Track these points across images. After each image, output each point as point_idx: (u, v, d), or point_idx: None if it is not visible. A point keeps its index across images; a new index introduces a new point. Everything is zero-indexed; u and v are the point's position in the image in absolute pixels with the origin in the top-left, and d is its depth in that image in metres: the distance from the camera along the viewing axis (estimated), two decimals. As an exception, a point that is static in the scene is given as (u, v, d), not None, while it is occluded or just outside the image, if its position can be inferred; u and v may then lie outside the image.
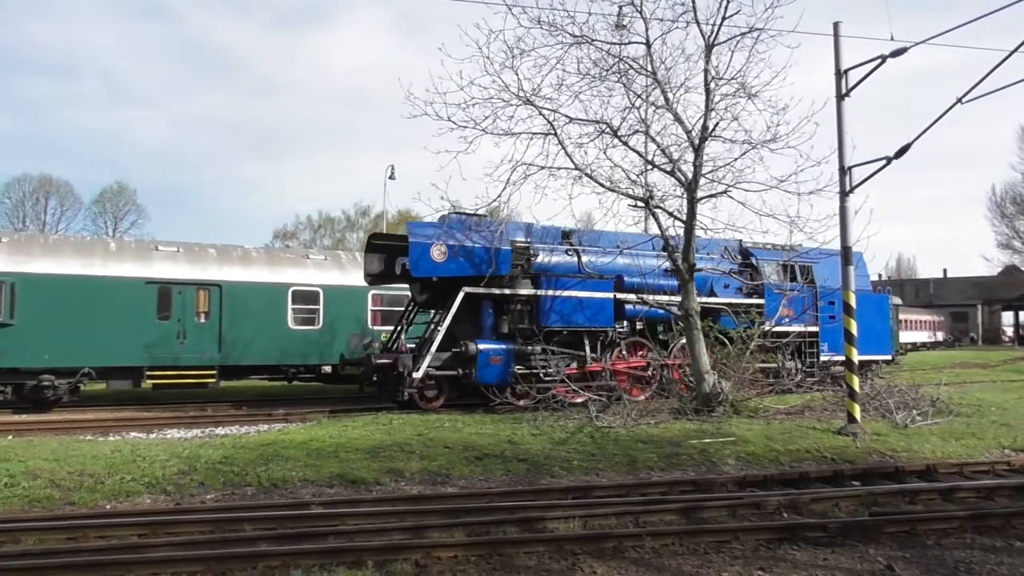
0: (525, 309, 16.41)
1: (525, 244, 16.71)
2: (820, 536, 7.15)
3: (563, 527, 7.43)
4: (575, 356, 16.59)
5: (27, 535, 7.11)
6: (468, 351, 15.46)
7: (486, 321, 16.02)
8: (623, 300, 17.03)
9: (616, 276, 17.18)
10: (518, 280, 16.41)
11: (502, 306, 16.33)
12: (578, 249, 17.32)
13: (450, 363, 15.66)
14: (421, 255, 15.37)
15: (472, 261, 15.71)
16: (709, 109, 14.16)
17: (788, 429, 12.92)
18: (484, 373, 15.47)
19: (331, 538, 7.00)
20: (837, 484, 9.72)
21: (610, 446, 11.59)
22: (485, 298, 15.98)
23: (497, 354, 15.64)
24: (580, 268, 17.06)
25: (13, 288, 16.15)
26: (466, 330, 16.02)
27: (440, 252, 15.43)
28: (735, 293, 18.70)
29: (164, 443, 11.41)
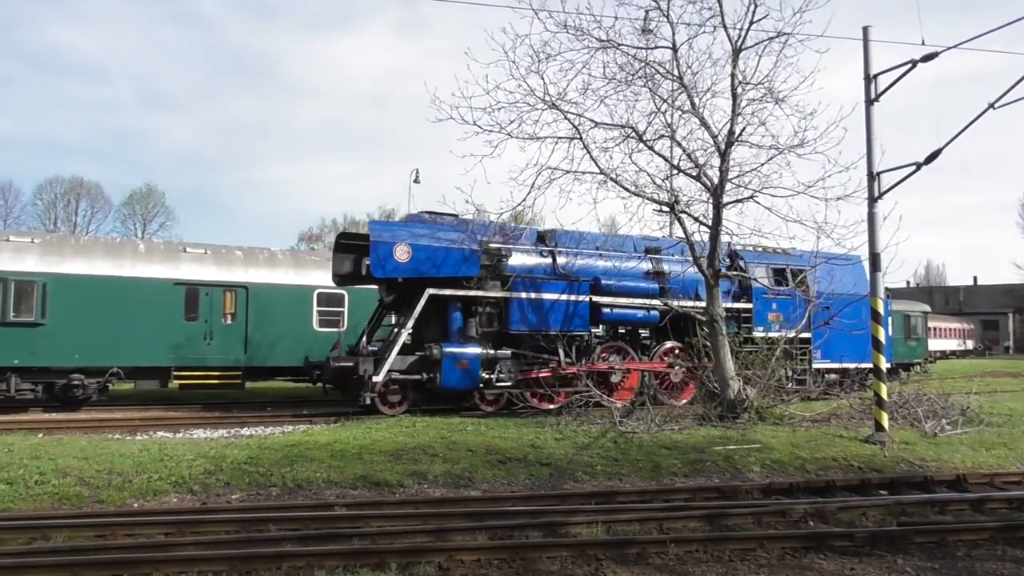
0: (494, 312, 16.00)
1: (497, 245, 16.23)
2: (847, 545, 7.07)
3: (586, 532, 7.41)
4: (548, 361, 16.07)
5: (57, 532, 7.22)
6: (432, 355, 15.03)
7: (453, 324, 15.58)
8: (600, 303, 16.60)
9: (593, 279, 16.72)
10: (487, 282, 15.88)
11: (470, 308, 15.85)
12: (554, 251, 16.87)
13: (416, 367, 15.24)
14: (383, 255, 14.93)
15: (437, 262, 15.27)
16: (736, 114, 14.07)
17: (814, 437, 12.78)
18: (449, 378, 15.05)
19: (355, 539, 7.03)
20: (864, 493, 9.62)
21: (633, 451, 11.54)
22: (452, 300, 15.57)
23: (463, 358, 15.21)
24: (555, 270, 16.63)
25: (45, 288, 16.40)
26: (433, 333, 15.69)
27: (403, 252, 14.98)
28: (723, 298, 17.60)
29: (190, 443, 11.52)
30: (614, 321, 17.22)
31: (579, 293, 16.36)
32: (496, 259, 16.07)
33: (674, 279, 17.69)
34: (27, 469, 9.17)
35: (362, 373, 14.64)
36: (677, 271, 17.72)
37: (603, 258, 17.20)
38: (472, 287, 15.63)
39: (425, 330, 15.76)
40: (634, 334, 18.06)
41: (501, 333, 15.84)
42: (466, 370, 15.17)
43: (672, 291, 17.44)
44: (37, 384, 16.51)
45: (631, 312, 17.06)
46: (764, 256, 19.32)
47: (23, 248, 16.81)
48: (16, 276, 16.18)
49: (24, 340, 16.14)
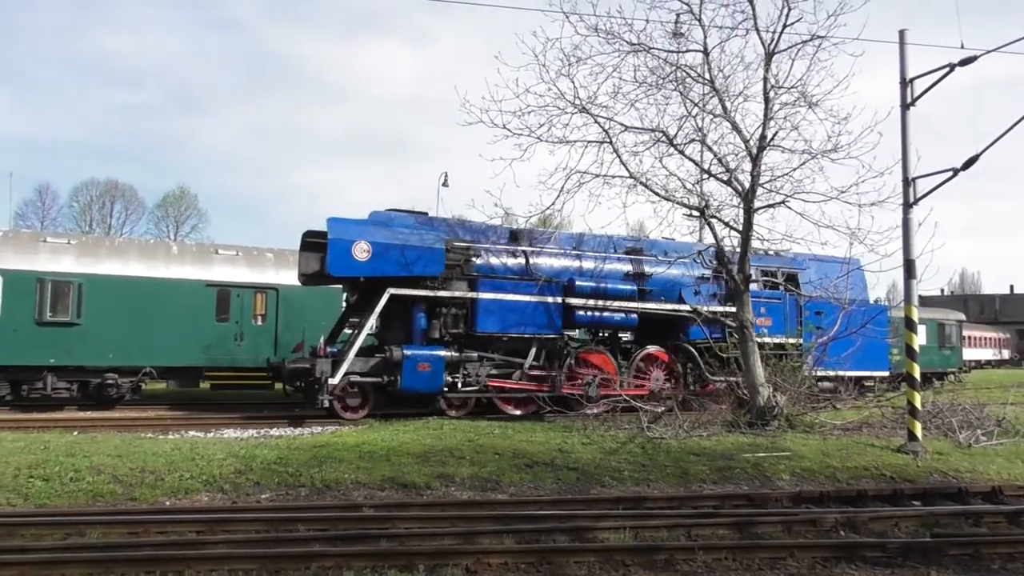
0: (460, 313, 15.46)
1: (465, 244, 15.78)
2: (879, 556, 6.97)
3: (613, 537, 7.39)
4: (517, 364, 15.71)
5: (91, 528, 7.34)
6: (393, 357, 14.54)
7: (416, 325, 15.09)
8: (574, 305, 16.09)
9: (568, 280, 16.22)
10: (452, 282, 15.39)
11: (434, 309, 15.36)
12: (526, 250, 16.32)
13: (378, 369, 14.79)
14: (342, 253, 14.45)
15: (400, 260, 14.79)
16: (768, 118, 13.95)
17: (845, 445, 12.62)
18: (410, 381, 14.55)
19: (383, 540, 7.07)
20: (897, 503, 9.48)
21: (661, 457, 11.47)
22: (416, 300, 15.06)
23: (425, 360, 14.66)
24: (528, 270, 16.09)
25: (81, 289, 16.69)
26: (397, 335, 15.25)
27: (363, 250, 14.51)
28: (708, 300, 17.53)
29: (221, 442, 11.65)
30: (589, 324, 16.78)
31: (551, 294, 15.86)
32: (464, 258, 15.63)
33: (655, 281, 17.21)
34: (63, 466, 9.32)
35: (319, 375, 14.14)
36: (659, 272, 17.22)
37: (580, 259, 16.71)
38: (437, 287, 15.18)
39: (389, 331, 15.43)
40: (614, 337, 17.53)
41: (467, 335, 15.40)
42: (428, 373, 14.67)
43: (653, 293, 17.03)
44: (72, 383, 16.81)
45: (608, 315, 16.55)
46: (754, 257, 18.13)
47: (60, 249, 17.14)
48: (53, 276, 16.50)
49: (60, 340, 16.44)
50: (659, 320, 17.05)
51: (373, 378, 14.74)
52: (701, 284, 17.61)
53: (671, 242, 17.59)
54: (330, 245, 14.52)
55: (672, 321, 17.06)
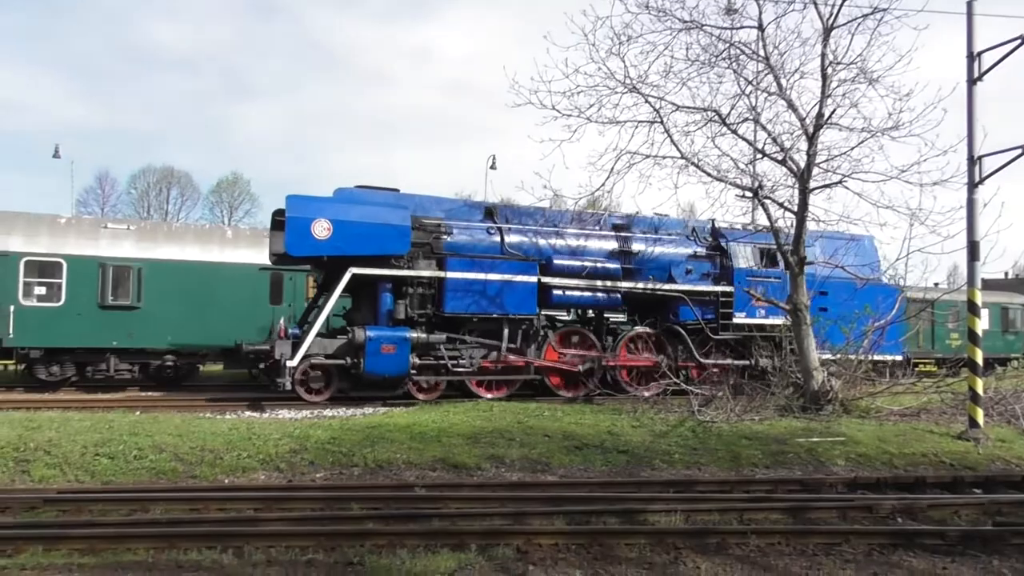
0: (428, 293, 14.88)
1: (435, 221, 15.20)
2: (938, 544, 6.82)
3: (664, 520, 7.36)
4: (491, 346, 15.16)
5: (155, 504, 7.60)
6: (355, 338, 14.05)
7: (382, 306, 14.51)
8: (550, 284, 15.47)
9: (545, 258, 15.54)
10: (419, 260, 14.82)
11: (401, 289, 14.79)
12: (501, 228, 15.66)
13: (343, 351, 14.27)
14: (301, 232, 13.85)
15: (362, 238, 14.14)
16: (825, 95, 13.60)
17: (903, 431, 12.34)
18: (373, 363, 13.98)
19: (435, 520, 7.16)
20: (956, 491, 9.27)
21: (712, 441, 11.38)
22: (381, 280, 14.50)
23: (390, 342, 14.05)
24: (503, 248, 15.42)
25: (140, 273, 17.16)
26: (364, 316, 14.77)
27: (323, 228, 13.91)
28: (700, 280, 16.87)
29: (276, 423, 11.89)
30: (567, 304, 16.16)
31: (525, 273, 15.21)
32: (434, 236, 15.06)
33: (643, 259, 16.51)
34: (127, 445, 9.62)
35: (278, 357, 13.74)
36: (648, 250, 16.59)
37: (562, 236, 16.06)
38: (402, 266, 14.68)
39: (357, 312, 15.02)
40: (600, 318, 16.90)
41: (436, 316, 14.91)
42: (393, 355, 14.08)
43: (641, 272, 16.39)
44: (134, 364, 17.33)
45: (588, 295, 15.92)
46: (751, 235, 17.55)
47: (120, 235, 17.64)
48: (114, 262, 16.99)
49: (122, 323, 16.94)
50: (649, 300, 16.51)
51: (338, 360, 14.29)
52: (694, 262, 16.93)
53: (663, 218, 17.09)
54: (287, 223, 13.99)
55: (662, 301, 16.45)
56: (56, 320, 16.43)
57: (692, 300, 16.34)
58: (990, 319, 28.06)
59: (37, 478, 8.66)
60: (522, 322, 15.40)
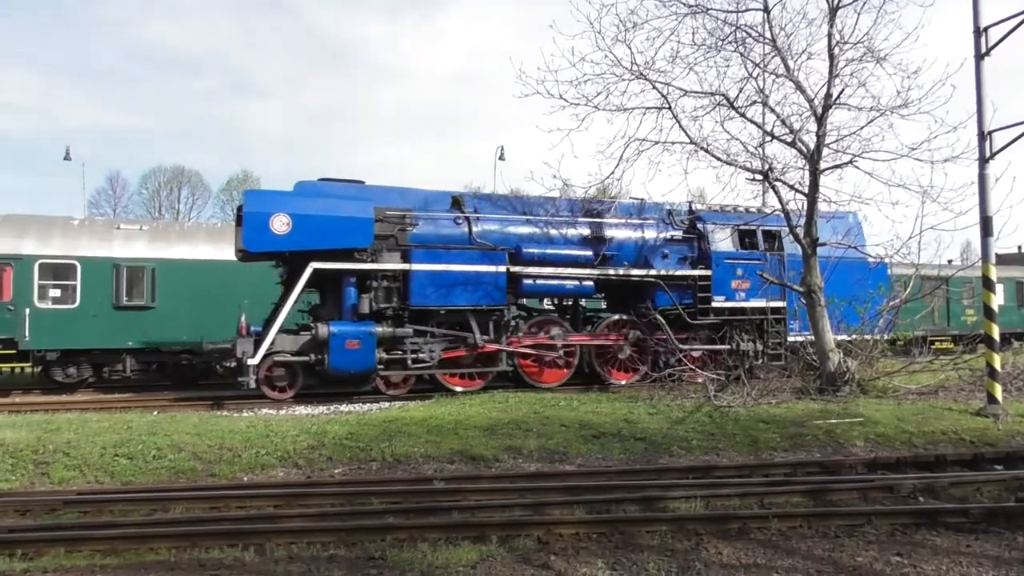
0: (394, 286, 14.49)
1: (400, 212, 14.79)
2: (961, 522, 6.77)
3: (684, 507, 7.35)
4: (460, 338, 14.90)
5: (175, 503, 7.63)
6: (319, 334, 13.76)
7: (346, 300, 14.24)
8: (520, 274, 15.10)
9: (514, 247, 15.17)
10: (384, 253, 14.47)
11: (366, 283, 14.43)
12: (469, 217, 15.25)
13: (307, 348, 13.98)
14: (258, 227, 13.52)
15: (323, 232, 13.81)
16: (833, 76, 13.49)
17: (921, 410, 12.27)
18: (338, 359, 13.70)
19: (455, 512, 7.16)
20: (977, 468, 9.21)
21: (730, 426, 11.34)
22: (344, 274, 14.20)
23: (354, 337, 13.78)
24: (471, 239, 15.05)
25: (154, 273, 17.25)
26: (330, 311, 14.52)
27: (282, 223, 13.55)
28: (677, 264, 16.41)
29: (293, 419, 11.93)
30: (537, 293, 15.91)
31: (494, 263, 14.84)
32: (399, 228, 14.71)
33: (617, 245, 16.08)
34: (145, 445, 9.66)
35: (240, 356, 13.52)
36: (622, 235, 16.23)
37: (532, 224, 15.68)
38: (366, 259, 14.32)
39: (323, 308, 14.80)
40: (576, 306, 16.67)
41: (403, 309, 14.59)
42: (358, 351, 13.81)
43: (615, 258, 15.97)
44: (150, 364, 17.43)
45: (559, 283, 15.57)
46: (730, 216, 17.28)
47: (133, 235, 17.72)
48: (128, 262, 17.08)
49: (137, 323, 17.05)
50: (625, 286, 16.20)
51: (303, 357, 14.03)
52: (670, 246, 16.51)
53: (639, 203, 16.79)
54: (244, 219, 13.69)
55: (638, 287, 16.13)
56: (71, 322, 16.54)
57: (668, 285, 15.96)
58: (1005, 294, 27.83)
59: (57, 480, 8.71)
60: (492, 313, 15.07)
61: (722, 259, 16.48)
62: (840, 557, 5.97)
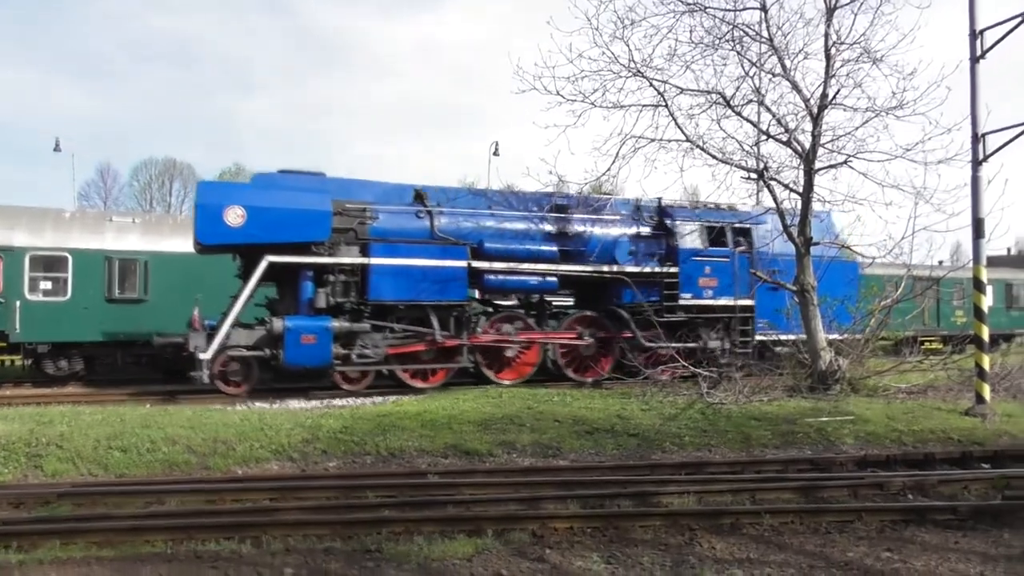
0: (352, 280, 14.28)
1: (360, 205, 14.54)
2: (950, 519, 6.87)
3: (678, 502, 7.41)
4: (420, 334, 14.68)
5: (170, 496, 7.65)
6: (274, 329, 13.55)
7: (302, 294, 13.96)
8: (481, 269, 14.86)
9: (476, 242, 14.92)
10: (342, 247, 14.22)
11: (323, 277, 14.19)
12: (431, 211, 15.00)
13: (263, 342, 13.75)
14: (212, 219, 13.30)
15: (278, 225, 13.51)
16: (829, 76, 13.60)
17: (910, 409, 12.40)
18: (293, 354, 13.45)
19: (450, 507, 7.21)
20: (965, 466, 9.33)
21: (722, 422, 11.43)
22: (301, 268, 13.94)
23: (310, 332, 13.54)
24: (432, 233, 14.82)
25: (147, 266, 17.16)
26: (287, 305, 14.27)
27: (236, 215, 13.29)
28: (644, 260, 16.21)
29: (287, 413, 11.93)
30: (500, 288, 15.57)
31: (454, 258, 14.65)
32: (359, 221, 14.45)
33: (583, 241, 15.90)
34: (139, 438, 9.63)
35: (192, 350, 13.29)
36: (588, 231, 16.03)
37: (496, 219, 15.49)
38: (323, 253, 14.08)
39: (280, 302, 14.58)
40: (542, 303, 16.36)
41: (361, 304, 14.37)
42: (313, 345, 13.58)
43: (581, 254, 15.77)
44: (142, 357, 17.35)
45: (523, 279, 15.30)
46: (699, 213, 17.05)
47: (126, 228, 17.61)
48: (120, 255, 16.99)
49: (129, 316, 16.96)
50: (591, 282, 16.04)
51: (258, 352, 13.78)
52: (637, 243, 16.29)
53: (607, 198, 16.70)
54: (197, 211, 13.55)
55: (605, 283, 15.98)
56: (63, 315, 16.43)
57: (635, 282, 15.78)
58: (994, 295, 28.03)
59: (50, 472, 8.70)
60: (453, 308, 14.86)
61: (689, 256, 16.32)
62: (831, 552, 6.06)
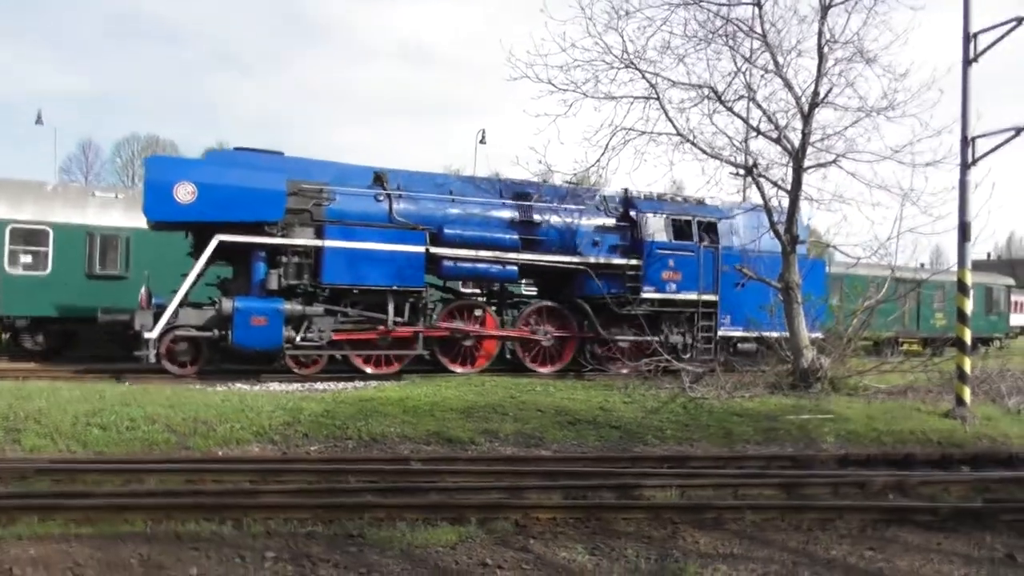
0: (305, 262, 13.99)
1: (316, 186, 14.21)
2: (931, 520, 6.88)
3: (660, 495, 7.40)
4: (375, 320, 14.40)
5: (149, 476, 7.56)
6: (223, 309, 13.27)
7: (255, 275, 13.69)
8: (440, 255, 14.66)
9: (436, 227, 14.71)
10: (296, 228, 13.95)
11: (276, 258, 13.90)
12: (391, 194, 14.70)
13: (213, 323, 13.49)
14: (160, 195, 13.00)
15: (231, 203, 13.23)
16: (821, 74, 13.63)
17: (890, 409, 12.49)
18: (242, 336, 13.21)
19: (432, 494, 7.17)
20: (945, 468, 9.36)
21: (704, 417, 11.48)
22: (254, 248, 13.66)
23: (260, 313, 13.26)
24: (391, 216, 14.60)
25: (128, 242, 16.94)
26: (240, 286, 14.01)
27: (187, 192, 12.98)
28: (608, 252, 16.09)
29: (268, 395, 11.84)
30: (458, 275, 15.50)
31: (413, 243, 14.38)
32: (315, 202, 14.17)
33: (545, 230, 15.75)
34: (118, 415, 9.53)
35: (137, 328, 13.05)
36: (551, 220, 15.84)
37: (457, 204, 15.25)
38: (276, 233, 13.76)
39: (233, 282, 14.31)
40: (503, 291, 16.31)
41: (315, 287, 14.17)
42: (264, 327, 13.31)
43: (543, 243, 15.65)
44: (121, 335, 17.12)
45: (482, 266, 15.08)
46: (666, 205, 16.93)
47: (109, 203, 17.39)
48: (102, 231, 16.77)
49: (110, 292, 16.72)
50: (553, 272, 15.88)
51: (207, 332, 13.57)
52: (602, 234, 16.16)
53: (571, 187, 16.51)
54: (146, 186, 13.33)
55: (567, 274, 15.84)
56: (42, 289, 16.21)
57: (597, 273, 15.64)
58: (975, 300, 28.28)
59: (28, 447, 8.58)
60: (409, 295, 14.60)
61: (654, 249, 16.19)
62: (815, 550, 6.07)
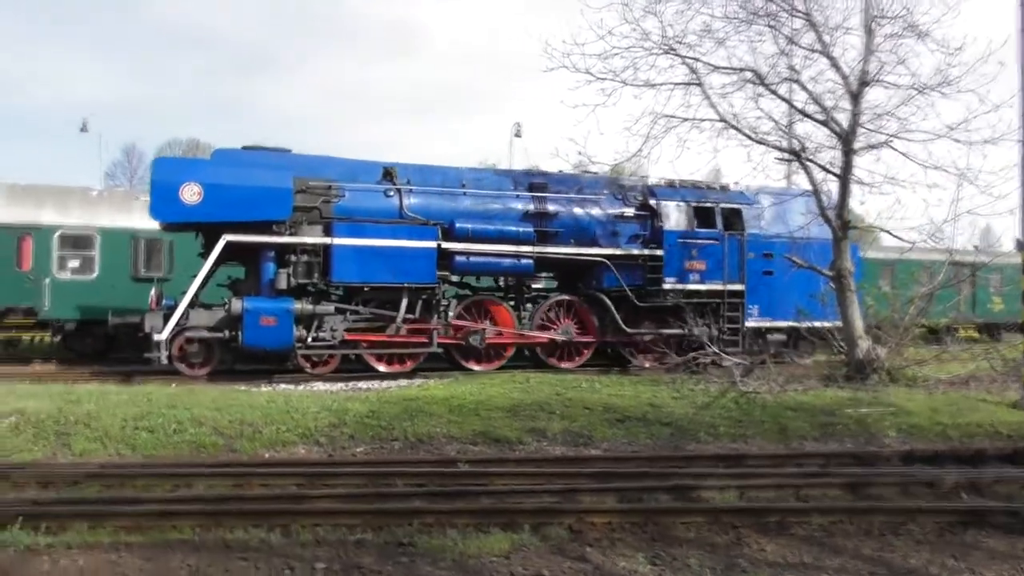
0: (315, 261, 13.70)
1: (324, 183, 13.93)
2: (1012, 523, 6.43)
3: (719, 497, 7.12)
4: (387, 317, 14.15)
5: (197, 480, 7.48)
6: (232, 310, 13.16)
7: (264, 275, 13.55)
8: (452, 250, 14.28)
9: (447, 222, 14.36)
10: (304, 226, 13.75)
11: (285, 257, 13.70)
12: (400, 189, 14.36)
13: (224, 323, 13.38)
14: (167, 196, 12.90)
15: (238, 203, 13.08)
16: (870, 52, 13.09)
17: (954, 400, 12.00)
18: (252, 336, 13.07)
19: (483, 498, 6.97)
20: (1019, 464, 8.87)
21: (757, 412, 11.11)
22: (263, 248, 13.52)
23: (270, 314, 13.13)
24: (401, 212, 14.29)
25: (172, 245, 17.06)
26: (249, 286, 13.88)
27: (193, 192, 12.86)
28: (627, 242, 15.56)
29: (313, 395, 11.76)
30: (471, 270, 15.08)
31: (424, 238, 14.06)
32: (323, 200, 13.88)
33: (561, 221, 15.25)
34: (166, 418, 9.52)
35: (148, 330, 13.06)
36: (568, 211, 15.36)
37: (469, 198, 14.85)
38: (284, 232, 13.58)
39: (244, 282, 14.18)
40: (519, 285, 15.73)
41: (325, 285, 13.95)
42: (274, 327, 13.17)
43: (559, 235, 15.15)
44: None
45: (495, 261, 14.75)
46: (687, 192, 16.29)
47: (152, 206, 17.48)
48: (146, 234, 16.87)
49: (155, 294, 16.86)
50: (570, 265, 15.50)
51: (217, 333, 13.45)
52: (620, 223, 15.61)
53: (588, 177, 15.98)
54: (152, 187, 13.28)
55: (584, 266, 15.44)
56: (90, 293, 16.39)
57: (616, 265, 15.18)
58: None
59: (78, 452, 8.60)
60: (422, 291, 14.29)
61: (675, 238, 15.62)
62: (891, 558, 5.71)
